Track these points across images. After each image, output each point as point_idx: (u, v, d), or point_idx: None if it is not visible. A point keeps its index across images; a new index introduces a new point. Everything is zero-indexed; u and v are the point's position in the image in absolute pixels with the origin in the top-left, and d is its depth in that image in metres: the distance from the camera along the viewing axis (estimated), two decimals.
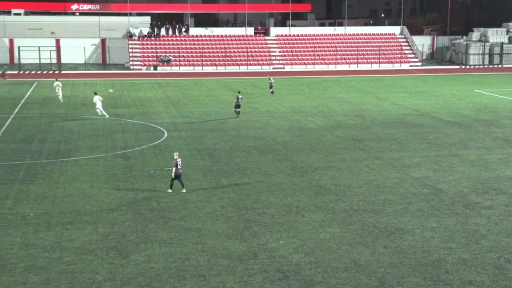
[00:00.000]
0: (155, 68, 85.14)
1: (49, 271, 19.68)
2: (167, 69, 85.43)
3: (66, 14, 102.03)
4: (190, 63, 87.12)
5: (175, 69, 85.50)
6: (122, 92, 64.18)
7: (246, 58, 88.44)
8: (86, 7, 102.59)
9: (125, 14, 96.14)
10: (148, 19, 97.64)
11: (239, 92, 50.18)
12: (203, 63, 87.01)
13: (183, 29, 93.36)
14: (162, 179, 30.39)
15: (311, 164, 33.88)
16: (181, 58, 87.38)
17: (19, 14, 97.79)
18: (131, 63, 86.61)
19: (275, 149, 37.58)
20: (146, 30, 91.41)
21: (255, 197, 27.74)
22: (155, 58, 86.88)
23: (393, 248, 21.93)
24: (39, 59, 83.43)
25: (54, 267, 19.97)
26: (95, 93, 50.26)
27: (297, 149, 37.64)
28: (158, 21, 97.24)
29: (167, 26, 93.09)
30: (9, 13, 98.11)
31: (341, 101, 58.36)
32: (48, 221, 24.30)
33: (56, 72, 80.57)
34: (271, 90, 61.44)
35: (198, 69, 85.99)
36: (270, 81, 62.18)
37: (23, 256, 20.84)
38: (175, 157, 28.16)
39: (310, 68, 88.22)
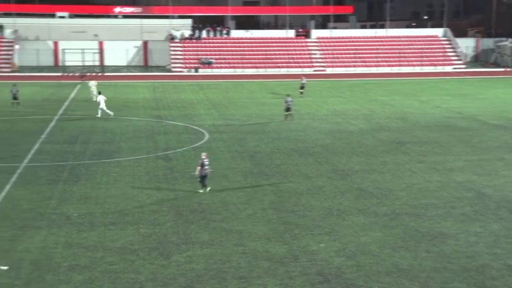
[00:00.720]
0: (196, 70, 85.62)
1: (92, 271, 19.90)
2: (208, 71, 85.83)
3: (109, 17, 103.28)
4: (231, 65, 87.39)
5: (216, 71, 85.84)
6: (164, 94, 64.72)
7: (287, 60, 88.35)
8: (128, 10, 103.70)
9: (167, 17, 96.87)
10: (189, 21, 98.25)
11: (288, 95, 49.38)
12: (244, 65, 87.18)
13: (224, 32, 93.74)
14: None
15: (352, 167, 33.64)
16: (222, 60, 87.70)
17: (64, 17, 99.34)
18: (172, 65, 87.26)
19: (315, 151, 37.43)
20: (187, 33, 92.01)
21: (295, 200, 27.65)
22: (196, 60, 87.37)
23: (436, 252, 21.62)
24: (83, 61, 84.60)
25: (97, 267, 20.19)
26: (99, 93, 51.49)
27: (338, 151, 37.42)
28: (199, 23, 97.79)
29: (208, 28, 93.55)
30: (54, 16, 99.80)
31: (382, 103, 57.87)
32: (92, 221, 24.58)
33: (99, 74, 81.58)
34: (301, 90, 62.18)
35: (239, 71, 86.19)
36: (302, 81, 63.07)
37: (67, 255, 21.11)
38: (203, 157, 28.45)
39: (351, 70, 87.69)
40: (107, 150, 37.49)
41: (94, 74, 71.44)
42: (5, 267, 19.88)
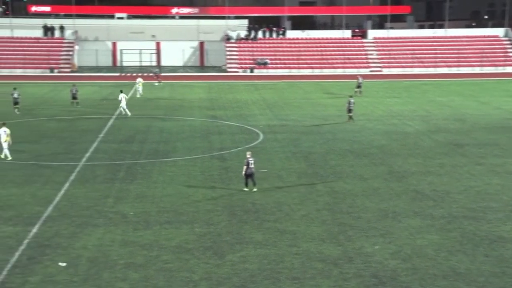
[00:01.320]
0: (252, 71, 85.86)
1: (148, 269, 20.12)
2: (263, 71, 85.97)
3: (166, 17, 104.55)
4: (287, 65, 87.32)
5: (271, 72, 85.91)
6: (219, 94, 65.11)
7: (343, 61, 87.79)
8: (185, 10, 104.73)
9: (223, 17, 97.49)
10: (245, 22, 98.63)
11: (350, 96, 48.84)
12: (300, 65, 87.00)
13: (280, 32, 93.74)
14: (258, 180, 30.51)
15: (408, 168, 33.18)
16: (277, 61, 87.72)
17: (122, 18, 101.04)
18: (228, 65, 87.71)
19: (371, 153, 37.05)
20: (243, 33, 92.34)
21: (350, 201, 27.42)
22: (251, 61, 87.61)
23: (494, 257, 21.12)
24: (140, 61, 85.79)
25: (152, 265, 20.41)
26: (121, 91, 52.07)
27: (394, 153, 36.96)
28: (255, 24, 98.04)
29: (264, 29, 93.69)
30: (112, 17, 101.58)
31: (440, 104, 56.93)
32: (147, 219, 24.87)
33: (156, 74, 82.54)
34: (359, 89, 62.64)
35: (294, 71, 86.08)
36: (359, 81, 63.60)
37: (123, 253, 21.41)
38: (248, 156, 28.72)
39: (408, 71, 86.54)
40: (163, 149, 37.90)
41: (151, 74, 72.51)
42: (64, 264, 20.28)
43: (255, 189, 28.76)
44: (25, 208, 26.01)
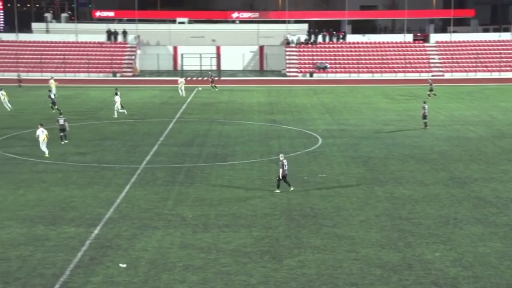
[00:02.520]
0: (311, 75, 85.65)
1: (206, 272, 20.25)
2: (323, 76, 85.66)
3: (226, 22, 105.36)
4: (346, 70, 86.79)
5: (331, 76, 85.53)
6: (278, 98, 65.16)
7: (404, 65, 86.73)
8: (246, 15, 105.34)
9: (283, 22, 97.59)
10: (305, 26, 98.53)
11: (424, 102, 48.00)
12: (359, 70, 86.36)
13: (340, 36, 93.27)
14: (316, 185, 30.44)
15: (470, 175, 32.50)
16: (337, 65, 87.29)
17: (183, 22, 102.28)
18: (287, 69, 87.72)
19: (432, 158, 36.45)
20: (303, 37, 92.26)
21: (410, 207, 27.02)
22: (311, 65, 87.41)
23: None
24: (200, 65, 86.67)
25: (210, 268, 20.53)
26: (116, 93, 53.42)
27: (456, 159, 36.27)
28: (315, 28, 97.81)
29: (324, 33, 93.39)
30: (174, 22, 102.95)
31: (504, 110, 55.62)
32: (206, 223, 25.05)
33: (216, 78, 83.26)
34: (432, 92, 62.55)
35: (354, 76, 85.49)
36: (430, 85, 63.74)
37: (182, 255, 21.61)
38: (281, 158, 29.08)
39: (471, 75, 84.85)
40: (221, 153, 38.14)
41: (211, 78, 73.08)
42: (124, 265, 20.60)
43: (292, 188, 29.21)
44: (87, 210, 26.55)
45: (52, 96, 55.76)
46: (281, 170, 29.03)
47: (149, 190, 29.70)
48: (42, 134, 36.60)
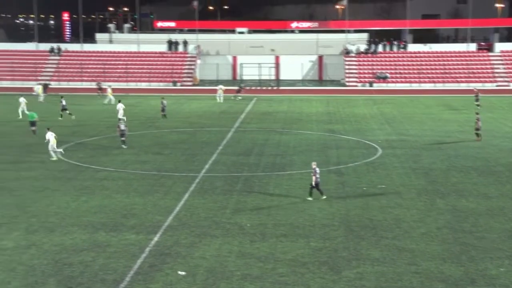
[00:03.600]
0: (371, 85, 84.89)
1: (264, 281, 20.18)
2: (382, 85, 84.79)
3: (286, 32, 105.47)
4: (407, 79, 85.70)
5: (391, 86, 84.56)
6: (337, 108, 64.80)
7: (467, 75, 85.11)
8: (305, 25, 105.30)
9: (343, 31, 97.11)
10: (365, 35, 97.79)
11: (477, 113, 47.25)
12: (421, 79, 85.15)
13: (401, 45, 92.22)
14: (375, 196, 30.05)
15: None
16: (397, 75, 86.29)
17: (243, 32, 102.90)
18: (346, 79, 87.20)
19: (496, 170, 35.56)
20: (363, 47, 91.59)
21: (473, 220, 26.38)
22: (371, 75, 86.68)
23: None
24: (259, 75, 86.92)
25: (268, 278, 20.45)
26: (119, 101, 54.65)
27: None
28: (375, 37, 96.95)
29: (385, 42, 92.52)
30: (234, 32, 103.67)
31: None
32: (263, 232, 25.00)
33: (275, 88, 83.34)
34: (477, 103, 62.01)
35: (415, 86, 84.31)
36: (477, 95, 63.17)
37: (240, 264, 21.60)
38: (313, 166, 29.39)
39: None
40: (279, 162, 38.07)
41: (269, 88, 73.15)
42: (183, 273, 20.71)
43: (324, 197, 29.33)
44: (147, 217, 26.85)
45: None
46: (314, 178, 29.23)
47: (208, 198, 29.85)
48: (52, 137, 38.12)
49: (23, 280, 20.10)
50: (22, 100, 56.81)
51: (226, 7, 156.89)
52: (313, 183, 29.37)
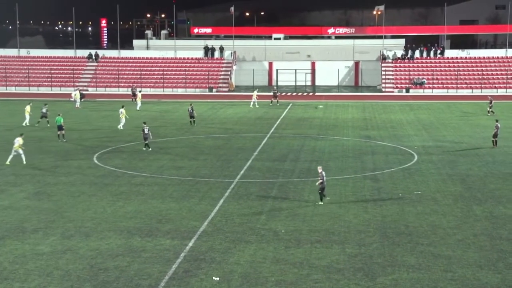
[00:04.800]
0: (407, 91, 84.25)
1: (298, 287, 20.16)
2: (419, 91, 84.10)
3: (322, 38, 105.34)
4: (444, 85, 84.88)
5: (427, 92, 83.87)
6: (373, 114, 64.43)
7: (505, 81, 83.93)
8: (342, 30, 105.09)
9: (380, 37, 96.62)
10: (402, 41, 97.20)
11: (497, 120, 46.41)
12: (458, 85, 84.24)
13: (438, 51, 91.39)
14: (411, 203, 29.81)
15: None
16: (434, 81, 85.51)
17: (279, 38, 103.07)
18: (383, 85, 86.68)
19: None
20: (399, 53, 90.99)
21: (511, 227, 26.00)
22: (407, 81, 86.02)
23: None
24: (295, 81, 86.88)
25: (302, 284, 20.42)
26: (122, 106, 55.17)
27: None
28: (412, 43, 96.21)
29: (422, 48, 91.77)
30: (270, 38, 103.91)
31: None
32: (298, 238, 24.98)
33: (311, 94, 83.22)
34: (491, 110, 62.28)
35: (452, 92, 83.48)
36: (490, 102, 63.13)
37: (274, 270, 21.61)
38: (319, 170, 29.74)
39: None
40: (315, 168, 37.86)
41: (305, 94, 73.10)
42: (217, 278, 20.79)
43: (321, 203, 29.57)
44: (182, 222, 27.03)
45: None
46: (322, 182, 29.50)
47: (243, 204, 29.93)
48: (16, 142, 38.63)
49: (59, 285, 20.37)
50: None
51: (262, 13, 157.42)
52: (317, 184, 29.75)
